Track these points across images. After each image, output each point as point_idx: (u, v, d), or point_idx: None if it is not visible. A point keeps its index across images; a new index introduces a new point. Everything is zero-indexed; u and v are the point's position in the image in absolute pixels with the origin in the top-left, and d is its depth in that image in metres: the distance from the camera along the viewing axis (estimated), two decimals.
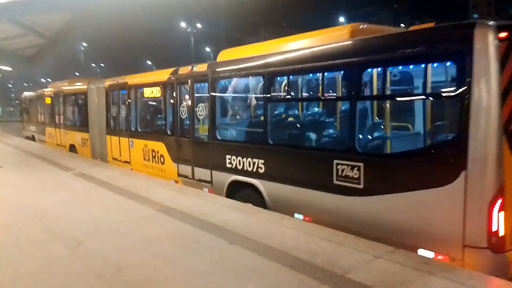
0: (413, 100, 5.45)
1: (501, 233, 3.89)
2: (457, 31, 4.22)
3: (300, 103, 7.61)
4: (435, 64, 4.71)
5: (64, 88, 15.60)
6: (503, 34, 3.85)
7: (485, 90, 3.82)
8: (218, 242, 4.69)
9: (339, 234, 4.75)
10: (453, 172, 3.97)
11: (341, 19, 77.39)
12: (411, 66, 5.31)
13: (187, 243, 4.74)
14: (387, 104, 5.76)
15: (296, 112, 7.12)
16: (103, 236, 5.10)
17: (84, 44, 68.65)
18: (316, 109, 7.05)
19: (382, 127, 5.66)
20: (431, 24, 4.69)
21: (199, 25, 62.87)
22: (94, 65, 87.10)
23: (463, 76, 3.96)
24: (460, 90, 4.00)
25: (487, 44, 3.81)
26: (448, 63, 4.51)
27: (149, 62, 77.77)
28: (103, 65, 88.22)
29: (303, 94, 7.02)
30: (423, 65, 4.62)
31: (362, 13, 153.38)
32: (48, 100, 16.98)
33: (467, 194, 3.90)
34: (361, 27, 5.57)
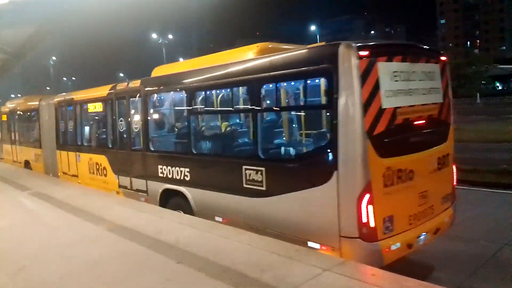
0: (299, 111, 6.00)
1: (372, 224, 4.39)
2: (326, 51, 4.79)
3: (217, 116, 8.09)
4: (316, 80, 5.20)
5: (18, 105, 15.93)
6: (363, 53, 4.40)
7: (350, 102, 4.37)
8: (166, 262, 4.51)
9: (291, 248, 4.63)
10: (328, 173, 4.53)
11: (312, 27, 78.25)
12: (296, 82, 5.87)
13: (134, 265, 4.55)
14: (282, 115, 6.28)
15: (213, 124, 7.63)
16: (48, 260, 4.86)
17: (54, 58, 67.31)
18: (229, 121, 7.54)
19: (279, 135, 6.15)
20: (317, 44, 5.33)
21: (171, 36, 62.32)
22: (66, 79, 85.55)
23: (332, 90, 4.52)
24: (330, 102, 4.57)
25: (349, 62, 4.37)
26: (322, 79, 4.97)
27: (121, 74, 76.83)
28: (74, 78, 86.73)
29: (219, 107, 7.46)
30: (304, 81, 5.22)
31: (336, 21, 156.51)
32: (4, 118, 17.25)
33: (340, 191, 4.45)
34: (270, 46, 6.18)
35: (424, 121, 5.18)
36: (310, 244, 4.79)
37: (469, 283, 5.47)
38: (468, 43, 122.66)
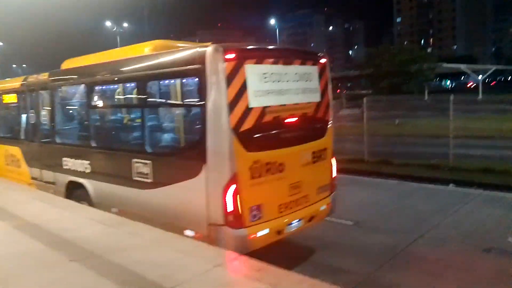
0: (178, 108, 6.27)
1: (237, 212, 4.80)
2: (196, 54, 5.02)
3: (112, 110, 8.10)
4: (192, 79, 5.46)
5: None
6: (230, 56, 4.75)
7: (217, 101, 4.75)
8: (60, 261, 4.35)
9: (191, 244, 4.62)
10: (198, 166, 4.90)
11: (272, 21, 78.37)
12: (175, 81, 6.08)
13: (30, 263, 4.35)
14: (164, 112, 6.53)
15: (108, 117, 7.68)
16: None
17: (0, 43, 63.80)
18: (124, 115, 7.66)
19: (162, 130, 6.36)
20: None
21: (126, 25, 60.57)
22: (15, 66, 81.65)
23: (202, 90, 4.88)
24: (200, 101, 4.94)
25: (216, 64, 4.71)
26: (195, 79, 5.25)
27: None
28: (25, 66, 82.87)
29: (114, 102, 7.53)
30: (181, 80, 5.68)
31: (296, 15, 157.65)
32: None
33: (208, 182, 4.85)
34: (165, 43, 6.49)
35: (297, 119, 5.61)
36: (186, 232, 5.17)
37: (376, 274, 5.64)
38: (422, 41, 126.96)
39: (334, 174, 6.44)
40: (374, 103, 13.39)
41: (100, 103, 7.23)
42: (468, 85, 72.01)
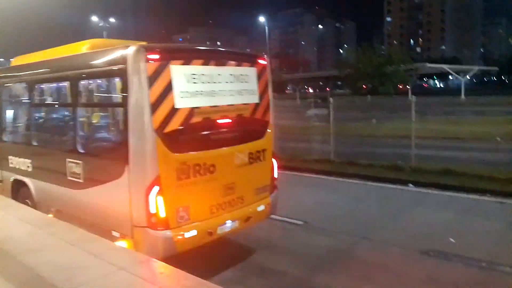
0: (106, 109, 6.26)
1: (162, 214, 4.76)
2: (119, 53, 4.94)
3: (50, 109, 7.99)
4: (116, 79, 5.32)
5: None
6: (153, 57, 4.70)
7: (138, 102, 4.68)
8: None
9: (106, 246, 4.54)
10: (121, 167, 4.84)
11: (262, 19, 78.17)
12: (102, 80, 6.03)
13: None
14: (92, 112, 6.40)
15: (47, 116, 7.64)
16: None
17: None
18: (58, 114, 7.64)
19: (91, 131, 6.32)
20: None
21: (113, 20, 60.05)
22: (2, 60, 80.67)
23: (124, 90, 4.80)
24: (122, 101, 4.88)
25: (138, 64, 4.65)
26: (117, 79, 5.18)
27: None
28: (2, 59, 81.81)
29: (50, 101, 7.48)
30: (107, 80, 5.60)
31: (287, 14, 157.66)
32: None
33: (131, 184, 4.79)
34: (101, 42, 6.39)
35: (230, 120, 5.56)
36: (113, 233, 5.10)
37: (308, 276, 5.62)
38: (412, 41, 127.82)
39: (275, 174, 6.40)
40: (341, 104, 13.37)
41: (38, 102, 7.20)
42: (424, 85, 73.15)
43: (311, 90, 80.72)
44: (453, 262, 5.87)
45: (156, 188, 4.71)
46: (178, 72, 4.92)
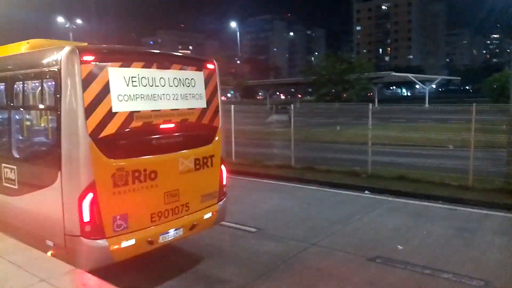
0: (40, 112, 6.09)
1: (96, 222, 4.56)
2: (52, 54, 4.75)
3: None
4: (50, 81, 5.06)
5: None
6: (88, 58, 4.53)
7: (71, 105, 4.48)
8: None
9: (33, 255, 4.33)
10: (54, 173, 4.63)
11: (233, 24, 78.39)
12: (37, 82, 5.68)
13: None
14: (28, 115, 6.26)
15: None
16: None
17: None
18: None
19: (25, 135, 6.12)
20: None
21: (79, 21, 58.72)
22: None
23: (58, 93, 4.60)
24: (56, 104, 4.68)
25: (72, 66, 4.47)
26: (51, 81, 4.95)
27: None
28: None
29: None
30: (41, 82, 5.17)
31: (258, 20, 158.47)
32: None
33: (63, 191, 4.58)
34: (42, 42, 5.92)
35: (174, 125, 5.40)
36: (47, 242, 4.87)
37: (252, 284, 5.53)
38: (380, 50, 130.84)
39: (225, 181, 6.28)
40: (301, 110, 13.46)
41: None
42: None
43: (282, 96, 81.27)
44: (397, 269, 5.90)
45: (90, 195, 4.51)
46: (116, 75, 4.75)
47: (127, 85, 4.85)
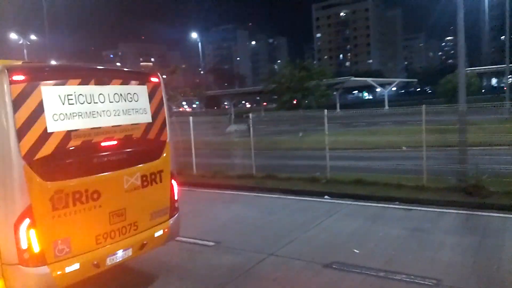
0: None
1: (36, 249, 4.36)
2: None
3: None
4: None
5: None
6: (19, 78, 4.34)
7: (3, 127, 4.26)
8: None
9: None
10: None
11: (194, 35, 78.20)
12: None
13: None
14: None
15: None
16: None
17: None
18: None
19: None
20: None
21: (34, 37, 56.96)
22: None
23: None
24: None
25: (1, 86, 4.25)
26: None
27: None
28: None
29: None
30: None
31: (221, 30, 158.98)
32: None
33: None
34: None
35: (116, 142, 5.23)
36: None
37: None
38: (341, 56, 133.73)
39: (176, 196, 6.12)
40: (259, 119, 13.49)
41: None
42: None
43: (248, 105, 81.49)
44: (352, 273, 5.92)
45: (27, 221, 4.30)
46: (51, 93, 4.55)
47: (63, 104, 4.65)
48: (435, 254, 6.48)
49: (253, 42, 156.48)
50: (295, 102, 25.59)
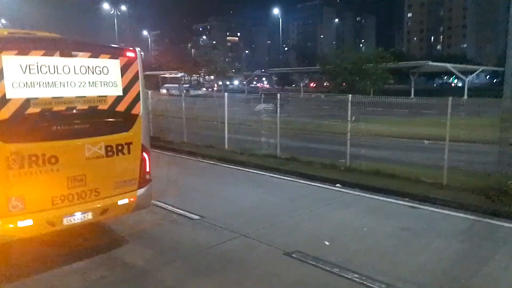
0: None
1: None
2: None
3: None
4: None
5: None
6: None
7: None
8: None
9: None
10: None
11: (276, 11, 77.70)
12: None
13: None
14: None
15: None
16: None
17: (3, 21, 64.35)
18: None
19: None
20: None
21: (124, 8, 60.75)
22: None
23: None
24: None
25: None
26: None
27: None
28: None
29: None
30: None
31: (306, 6, 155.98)
32: None
33: None
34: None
35: (79, 112, 5.55)
36: None
37: (157, 269, 5.64)
38: (432, 38, 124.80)
39: (148, 168, 6.37)
40: (285, 100, 13.26)
41: None
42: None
43: (312, 84, 79.24)
44: (306, 265, 5.76)
45: None
46: (11, 62, 4.93)
47: (24, 73, 5.02)
48: (407, 258, 6.06)
49: (340, 20, 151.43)
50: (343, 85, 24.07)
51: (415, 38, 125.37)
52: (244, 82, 70.97)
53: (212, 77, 54.51)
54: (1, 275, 5.40)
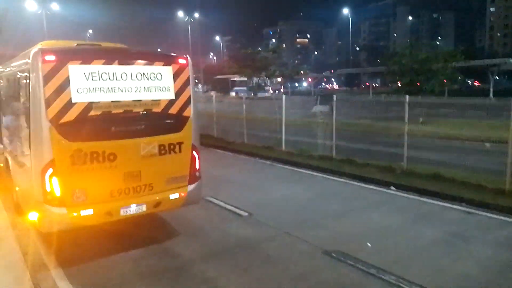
0: (22, 101, 6.71)
1: (57, 193, 5.60)
2: (27, 54, 6.02)
3: None
4: (26, 78, 6.13)
5: None
6: (49, 58, 5.48)
7: (36, 96, 5.57)
8: None
9: None
10: (27, 149, 5.90)
11: (345, 11, 76.37)
12: (17, 77, 6.96)
13: None
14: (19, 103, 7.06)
15: None
16: None
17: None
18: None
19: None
20: None
21: (197, 15, 63.31)
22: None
23: (28, 84, 5.81)
24: (28, 94, 5.84)
25: (37, 64, 5.47)
26: (26, 74, 6.04)
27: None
28: None
29: None
30: (23, 78, 6.34)
31: (378, 5, 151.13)
32: None
33: (32, 165, 5.72)
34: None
35: (135, 114, 6.16)
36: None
37: (198, 262, 6.05)
38: None
39: (197, 166, 6.83)
40: (342, 102, 13.12)
41: None
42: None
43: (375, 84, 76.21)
44: (344, 264, 5.84)
45: (50, 170, 5.51)
46: (76, 71, 5.61)
47: (87, 80, 5.68)
48: (452, 265, 5.88)
49: (414, 18, 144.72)
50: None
51: (498, 34, 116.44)
52: (305, 84, 70.23)
53: (279, 79, 55.03)
54: (67, 257, 6.12)
